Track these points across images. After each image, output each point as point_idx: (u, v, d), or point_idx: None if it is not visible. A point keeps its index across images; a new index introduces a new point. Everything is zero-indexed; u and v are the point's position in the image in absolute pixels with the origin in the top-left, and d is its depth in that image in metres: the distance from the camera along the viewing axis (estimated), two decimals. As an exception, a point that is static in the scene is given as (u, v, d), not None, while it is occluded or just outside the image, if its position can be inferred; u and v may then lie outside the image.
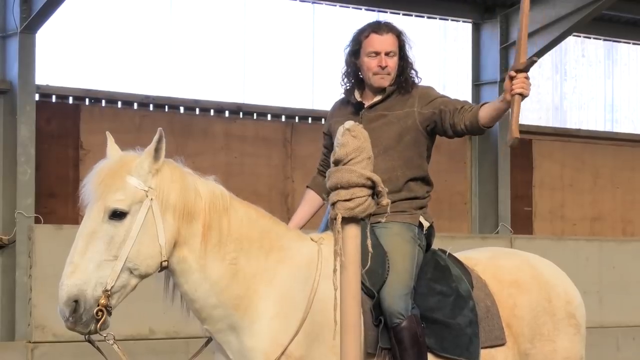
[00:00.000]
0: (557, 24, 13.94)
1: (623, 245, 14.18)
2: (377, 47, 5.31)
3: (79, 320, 4.56)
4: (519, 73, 4.95)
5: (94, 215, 4.64)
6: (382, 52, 5.30)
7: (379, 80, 5.33)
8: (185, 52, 12.99)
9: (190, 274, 4.78)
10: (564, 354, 5.55)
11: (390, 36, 5.33)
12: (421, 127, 5.28)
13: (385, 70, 5.30)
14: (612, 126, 16.33)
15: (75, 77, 12.24)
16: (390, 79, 5.32)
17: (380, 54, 5.30)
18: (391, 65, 5.31)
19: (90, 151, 11.84)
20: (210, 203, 4.83)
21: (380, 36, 5.32)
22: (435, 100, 5.28)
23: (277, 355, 4.77)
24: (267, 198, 12.65)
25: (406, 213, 5.24)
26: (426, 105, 5.26)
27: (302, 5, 13.76)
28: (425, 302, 5.17)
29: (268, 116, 13.36)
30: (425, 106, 5.27)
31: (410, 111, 5.28)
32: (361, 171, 4.08)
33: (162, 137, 4.71)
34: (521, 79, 4.94)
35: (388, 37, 5.33)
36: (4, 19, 11.55)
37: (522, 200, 15.08)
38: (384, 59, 5.30)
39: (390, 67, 5.30)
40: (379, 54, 5.31)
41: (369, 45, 5.32)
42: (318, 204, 5.55)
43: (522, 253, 5.97)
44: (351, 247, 4.07)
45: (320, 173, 5.57)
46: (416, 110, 5.27)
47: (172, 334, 10.64)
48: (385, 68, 5.29)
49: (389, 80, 5.33)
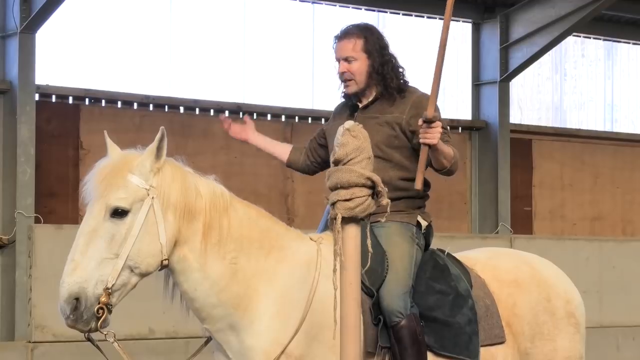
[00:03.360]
0: (557, 23, 13.94)
1: (623, 245, 14.19)
2: (336, 55, 5.32)
3: (80, 318, 4.57)
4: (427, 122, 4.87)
5: (95, 213, 4.65)
6: (340, 59, 5.30)
7: (345, 88, 5.33)
8: (185, 52, 12.99)
9: (190, 273, 4.79)
10: (564, 354, 5.55)
11: (346, 41, 5.29)
12: (407, 135, 5.25)
13: (345, 76, 5.28)
14: (612, 126, 16.32)
15: (75, 77, 12.23)
16: (354, 85, 5.29)
17: (340, 61, 5.30)
18: (352, 70, 5.27)
19: (90, 151, 11.84)
20: (211, 202, 4.84)
21: (339, 42, 5.32)
22: None
23: (277, 354, 4.77)
24: (267, 198, 12.64)
25: (404, 212, 5.24)
26: (415, 117, 5.16)
27: (302, 5, 13.76)
28: (424, 301, 5.17)
29: (268, 116, 13.36)
30: (413, 118, 5.18)
31: (399, 117, 5.24)
32: (361, 171, 4.08)
33: (164, 135, 4.73)
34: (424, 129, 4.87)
35: (344, 42, 5.29)
36: (4, 19, 11.55)
37: (522, 200, 15.07)
38: (342, 65, 5.29)
39: (350, 73, 5.27)
40: (339, 61, 5.30)
41: (334, 54, 5.35)
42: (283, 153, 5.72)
43: (521, 253, 5.98)
44: (351, 247, 4.07)
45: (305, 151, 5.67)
46: (404, 119, 5.23)
47: (172, 333, 10.65)
48: (343, 74, 5.28)
49: (355, 86, 5.29)
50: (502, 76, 14.47)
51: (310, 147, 5.67)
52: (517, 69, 14.43)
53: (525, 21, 14.24)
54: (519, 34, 14.31)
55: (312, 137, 5.68)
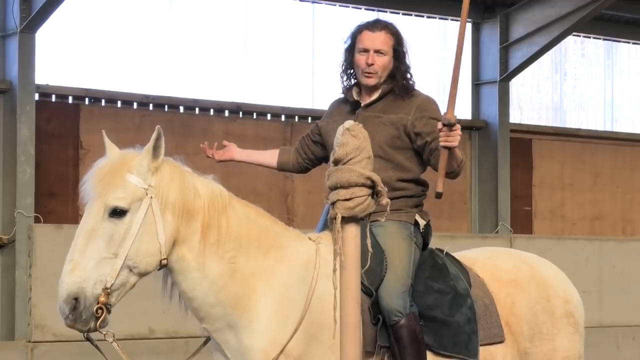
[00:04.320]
0: (557, 23, 13.94)
1: (623, 245, 14.19)
2: (367, 44, 5.25)
3: (79, 318, 4.56)
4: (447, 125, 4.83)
5: (94, 213, 4.64)
6: (371, 50, 5.24)
7: (366, 79, 5.27)
8: (185, 52, 13.00)
9: (188, 272, 4.78)
10: (563, 353, 5.55)
11: (382, 34, 5.26)
12: (411, 137, 5.24)
13: (372, 69, 5.23)
14: (612, 126, 16.32)
15: (75, 77, 12.23)
16: (377, 78, 5.26)
17: (369, 52, 5.25)
18: (379, 63, 5.23)
19: (90, 151, 11.84)
20: (209, 202, 4.84)
21: (372, 33, 5.26)
22: (429, 123, 5.17)
23: (276, 354, 4.77)
24: (267, 197, 12.65)
25: (402, 211, 5.23)
26: (420, 119, 5.17)
27: (302, 5, 13.76)
28: (423, 300, 5.17)
29: (268, 116, 13.36)
30: (418, 120, 5.18)
31: (404, 118, 5.22)
32: (361, 170, 4.08)
33: (160, 134, 4.72)
34: (446, 132, 4.83)
35: (380, 34, 5.26)
36: (4, 18, 11.55)
37: (522, 199, 15.08)
38: (371, 56, 5.23)
39: (377, 66, 5.23)
40: (368, 51, 5.25)
41: (360, 42, 5.28)
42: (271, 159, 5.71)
43: (520, 252, 5.97)
44: (351, 247, 4.07)
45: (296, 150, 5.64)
46: (410, 120, 5.21)
47: (172, 333, 10.65)
48: (371, 66, 5.23)
49: (376, 79, 5.26)
50: (502, 76, 14.47)
51: (302, 144, 5.64)
52: (517, 68, 14.44)
53: (525, 21, 14.25)
54: (519, 33, 14.32)
55: (305, 134, 5.66)
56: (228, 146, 5.75)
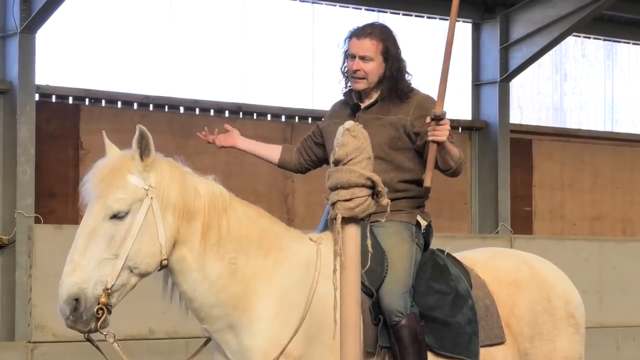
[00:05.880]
0: (557, 24, 13.94)
1: (623, 245, 14.19)
2: (353, 50, 5.33)
3: (79, 319, 4.57)
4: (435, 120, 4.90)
5: (94, 213, 4.65)
6: (356, 56, 5.31)
7: (354, 84, 5.34)
8: (185, 52, 12.99)
9: (189, 273, 4.79)
10: (563, 354, 5.55)
11: (367, 41, 5.31)
12: (411, 137, 5.26)
13: (358, 74, 5.30)
14: (612, 126, 16.32)
15: (75, 77, 12.23)
16: (366, 83, 5.31)
17: (355, 58, 5.31)
18: (365, 69, 5.29)
19: (90, 151, 11.84)
20: (210, 202, 4.84)
21: (357, 40, 5.33)
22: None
23: (276, 354, 4.77)
24: (267, 198, 12.65)
25: (403, 212, 5.24)
26: (419, 119, 5.21)
27: (302, 5, 13.76)
28: (424, 301, 5.17)
29: (268, 116, 13.36)
30: (417, 119, 5.22)
31: (403, 119, 5.25)
32: (361, 171, 4.07)
33: (142, 135, 4.72)
34: (434, 126, 4.90)
35: (364, 41, 5.31)
36: (4, 19, 11.54)
37: (522, 200, 15.08)
38: (357, 62, 5.30)
39: (363, 72, 5.29)
40: (354, 57, 5.32)
41: (349, 48, 5.36)
42: (273, 154, 5.65)
43: (520, 253, 5.97)
44: (351, 247, 4.07)
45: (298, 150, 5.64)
46: (409, 120, 5.24)
47: (172, 333, 10.65)
48: (357, 72, 5.30)
49: (365, 84, 5.31)
50: (502, 76, 14.47)
51: (304, 145, 5.65)
52: (517, 69, 14.43)
53: (525, 21, 14.25)
54: (519, 34, 14.32)
55: (307, 135, 5.67)
56: (231, 132, 5.72)
